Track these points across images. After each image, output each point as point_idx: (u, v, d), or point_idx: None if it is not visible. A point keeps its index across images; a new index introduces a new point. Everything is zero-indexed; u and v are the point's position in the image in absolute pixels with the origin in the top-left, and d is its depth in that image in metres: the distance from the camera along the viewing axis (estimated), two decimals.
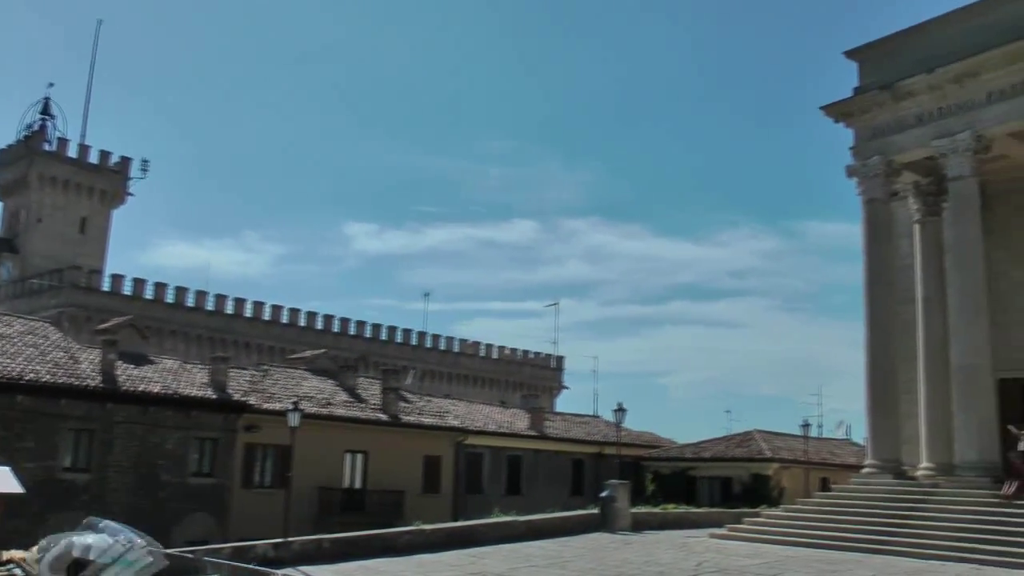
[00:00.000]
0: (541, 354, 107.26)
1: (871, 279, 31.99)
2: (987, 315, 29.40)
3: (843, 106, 32.99)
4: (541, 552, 26.82)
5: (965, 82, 29.71)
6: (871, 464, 31.14)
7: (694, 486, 54.16)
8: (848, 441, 63.99)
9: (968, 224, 29.70)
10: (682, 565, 23.67)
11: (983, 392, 28.75)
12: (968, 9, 30.37)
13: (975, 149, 29.55)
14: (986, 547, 23.74)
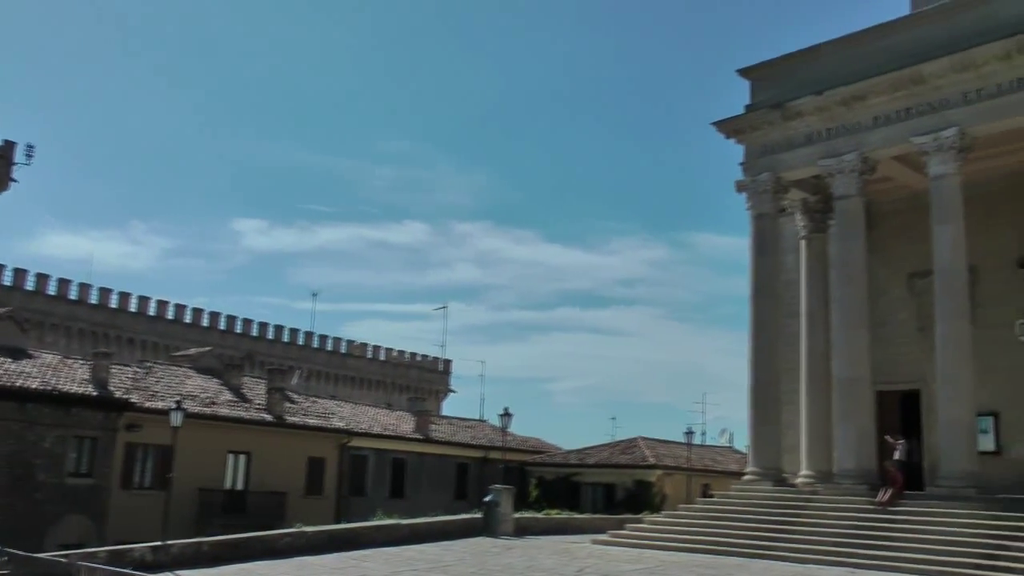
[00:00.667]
0: (429, 357, 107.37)
1: (757, 292, 32.72)
2: (868, 329, 30.30)
3: (734, 123, 33.61)
4: (423, 556, 26.88)
5: (853, 105, 30.59)
6: (752, 471, 31.85)
7: (578, 492, 54.71)
8: (731, 449, 65.23)
9: (852, 242, 30.57)
10: (564, 571, 23.82)
11: (862, 403, 29.67)
12: (857, 36, 31.32)
13: (861, 170, 30.45)
14: (862, 551, 24.58)
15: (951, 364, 27.73)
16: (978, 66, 28.15)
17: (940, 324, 28.25)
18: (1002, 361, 30.92)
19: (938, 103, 29.09)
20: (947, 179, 28.64)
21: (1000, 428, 31.33)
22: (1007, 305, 31.51)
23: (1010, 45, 27.40)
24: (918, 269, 32.27)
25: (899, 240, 33.78)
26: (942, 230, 28.51)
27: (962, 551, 23.48)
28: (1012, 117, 27.97)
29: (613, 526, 33.39)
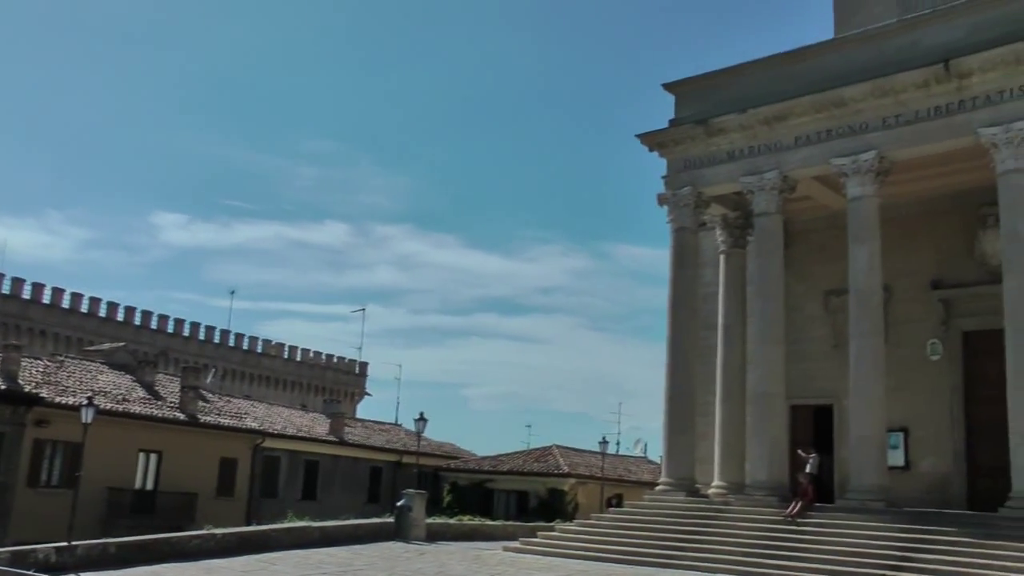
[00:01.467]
0: (346, 359, 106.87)
1: (675, 304, 33.02)
2: (783, 345, 30.79)
3: (658, 136, 33.86)
4: (333, 559, 26.83)
5: (775, 125, 31.06)
6: (665, 481, 32.12)
7: (491, 499, 54.86)
8: (645, 459, 65.71)
9: (770, 258, 31.08)
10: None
11: (776, 416, 30.17)
12: (781, 57, 31.86)
13: (781, 188, 30.97)
14: (770, 562, 25.02)
15: (863, 381, 28.32)
16: (898, 92, 28.81)
17: (854, 342, 28.83)
18: (913, 379, 31.98)
19: (858, 126, 29.70)
20: (865, 201, 29.24)
21: (910, 444, 32.33)
22: (919, 325, 32.60)
23: (929, 74, 28.11)
24: (834, 287, 33.06)
25: (816, 258, 34.54)
26: (858, 250, 29.09)
27: (869, 562, 24.04)
28: (929, 144, 28.71)
29: (525, 533, 33.61)
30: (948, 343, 32.47)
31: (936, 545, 24.33)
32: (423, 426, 48.76)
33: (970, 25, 28.28)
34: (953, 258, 32.58)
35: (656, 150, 34.01)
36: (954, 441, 31.76)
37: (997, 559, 22.93)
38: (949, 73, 27.76)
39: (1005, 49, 26.90)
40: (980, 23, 28.06)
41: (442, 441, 66.69)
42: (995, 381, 27.44)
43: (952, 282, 32.63)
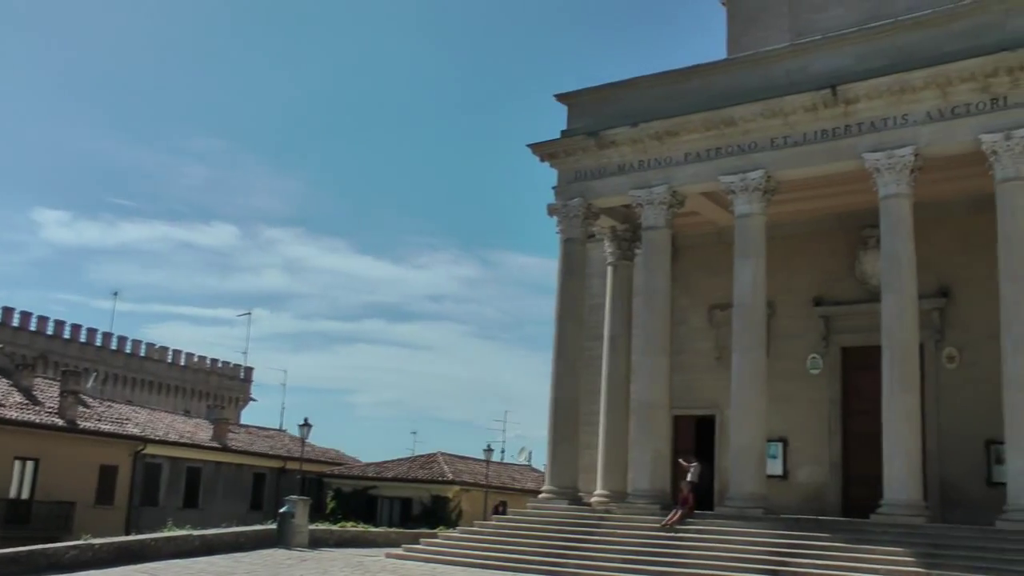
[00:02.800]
0: (230, 364, 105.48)
1: (562, 314, 33.36)
2: (667, 356, 31.34)
3: (549, 147, 34.09)
4: (213, 568, 26.52)
5: (666, 140, 31.56)
6: (548, 490, 32.39)
7: (375, 505, 54.70)
8: (529, 467, 65.96)
9: (657, 271, 31.57)
10: None
11: (659, 426, 30.65)
12: (674, 74, 32.37)
13: (669, 203, 31.46)
14: (651, 568, 25.45)
15: (745, 392, 29.03)
16: (787, 114, 29.59)
17: (736, 354, 29.52)
18: (794, 391, 33.04)
19: (747, 145, 30.40)
20: (751, 218, 29.94)
21: (788, 454, 33.46)
22: (801, 339, 33.67)
23: (817, 98, 28.93)
24: (719, 301, 33.87)
25: (702, 272, 35.28)
26: (744, 266, 29.78)
27: (746, 568, 24.67)
28: (815, 165, 29.59)
29: (408, 540, 33.57)
30: (828, 358, 33.61)
31: (810, 550, 25.16)
32: (307, 432, 48.59)
33: (858, 53, 29.20)
34: (835, 277, 33.69)
35: (547, 160, 34.27)
36: (831, 451, 32.96)
37: (867, 563, 23.86)
38: (836, 98, 28.66)
39: (890, 78, 27.88)
40: (867, 52, 29.01)
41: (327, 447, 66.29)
42: (871, 395, 28.53)
43: (833, 300, 33.75)
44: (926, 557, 23.61)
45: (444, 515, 50.64)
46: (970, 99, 27.20)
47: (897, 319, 27.16)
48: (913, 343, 27.32)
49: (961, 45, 27.35)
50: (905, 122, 28.02)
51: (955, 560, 23.28)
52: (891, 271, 27.62)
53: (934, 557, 23.60)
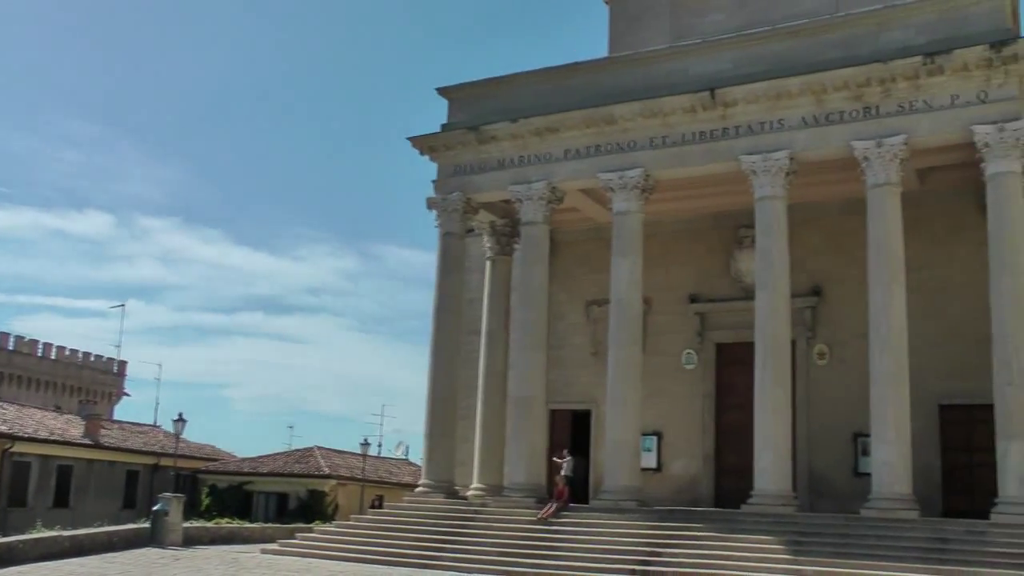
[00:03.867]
0: (103, 358, 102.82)
1: (440, 308, 33.42)
2: (544, 351, 31.70)
3: (429, 140, 34.08)
4: (84, 569, 25.89)
5: (545, 136, 31.88)
6: (425, 483, 32.52)
7: (251, 501, 53.87)
8: (407, 461, 65.69)
9: (535, 266, 31.86)
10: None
11: (535, 420, 31.02)
12: (556, 70, 32.70)
13: (549, 199, 31.77)
14: (524, 561, 25.75)
15: (620, 387, 29.51)
16: (666, 114, 30.15)
17: (612, 350, 29.98)
18: (668, 386, 33.78)
19: (626, 144, 30.87)
20: (629, 216, 30.39)
21: (663, 447, 34.16)
22: (677, 336, 34.36)
23: (696, 100, 29.58)
24: (596, 297, 34.37)
25: (580, 268, 35.80)
26: (620, 263, 30.22)
27: (619, 559, 25.12)
28: (693, 165, 30.26)
29: (284, 536, 33.43)
30: (702, 354, 34.37)
31: (683, 540, 25.82)
32: (182, 427, 47.66)
33: (736, 58, 29.93)
34: (711, 275, 34.45)
35: (427, 154, 34.29)
36: (704, 444, 33.77)
37: (737, 551, 24.65)
38: (715, 101, 29.35)
39: (767, 84, 28.68)
40: (746, 57, 29.78)
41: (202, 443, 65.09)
42: (743, 390, 29.38)
43: (709, 297, 34.52)
44: (793, 544, 24.55)
45: (320, 510, 50.15)
46: (844, 107, 28.15)
47: (770, 316, 27.93)
48: (785, 340, 28.15)
49: (836, 55, 28.33)
50: (781, 126, 28.85)
51: (821, 547, 24.26)
52: (765, 270, 28.35)
53: (801, 544, 24.55)
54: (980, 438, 28.30)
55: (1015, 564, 22.16)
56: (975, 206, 28.83)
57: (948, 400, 30.37)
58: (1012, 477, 24.68)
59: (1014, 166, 26.22)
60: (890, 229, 27.08)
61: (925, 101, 27.28)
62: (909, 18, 28.19)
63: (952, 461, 30.31)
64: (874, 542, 24.32)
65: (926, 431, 29.60)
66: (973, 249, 28.78)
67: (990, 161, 26.33)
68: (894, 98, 27.55)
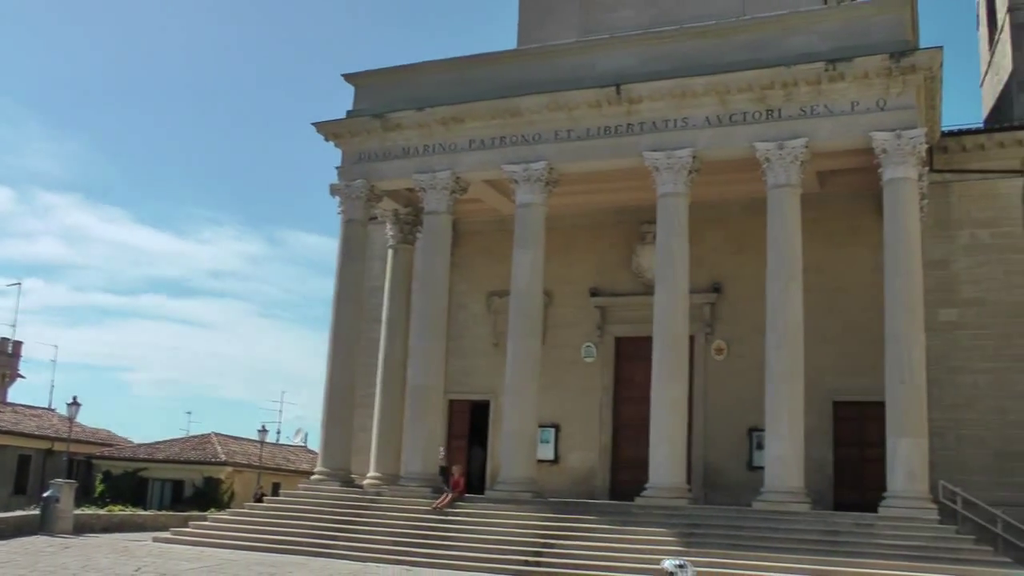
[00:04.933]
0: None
1: (341, 296, 33.21)
2: (444, 341, 31.69)
3: (334, 126, 33.82)
4: None
5: (451, 126, 31.80)
6: (321, 471, 32.33)
7: (146, 488, 53.22)
8: (305, 448, 65.35)
9: (437, 256, 31.80)
10: (121, 570, 22.92)
11: (432, 410, 31.00)
12: (463, 60, 32.67)
13: (453, 189, 31.72)
14: (420, 551, 25.79)
15: (518, 379, 29.62)
16: (571, 108, 30.27)
17: (511, 341, 30.07)
18: (568, 379, 34.10)
19: (532, 136, 30.96)
20: (532, 208, 30.49)
21: (560, 439, 34.45)
22: (577, 329, 34.62)
23: (602, 95, 29.75)
24: (498, 289, 34.45)
25: (482, 259, 35.90)
26: (522, 254, 30.32)
27: (512, 549, 25.31)
28: (597, 160, 30.43)
29: (178, 524, 32.94)
30: (602, 347, 34.69)
31: (577, 532, 26.06)
32: (76, 411, 46.69)
33: (643, 55, 30.18)
34: (612, 269, 34.78)
35: (332, 140, 34.03)
36: (601, 437, 34.13)
37: (630, 543, 24.95)
38: (620, 97, 29.54)
39: (672, 82, 28.99)
40: (652, 55, 30.04)
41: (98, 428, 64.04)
42: (641, 384, 29.65)
43: (609, 291, 34.80)
44: (686, 536, 24.95)
45: (216, 497, 49.70)
46: (747, 108, 28.57)
47: (669, 312, 28.26)
48: (683, 335, 28.53)
49: (741, 57, 28.74)
50: (685, 125, 29.17)
51: (713, 539, 24.69)
52: (665, 266, 28.66)
53: (693, 536, 24.97)
54: (871, 434, 29.06)
55: (901, 556, 22.82)
56: (872, 209, 29.54)
57: (842, 397, 31.24)
58: (900, 473, 25.31)
59: (910, 172, 26.86)
60: (789, 229, 27.56)
61: (826, 106, 27.83)
62: (813, 25, 28.79)
63: (844, 456, 31.19)
64: (766, 534, 24.82)
65: (820, 426, 30.47)
66: (869, 251, 29.51)
67: (887, 167, 26.91)
68: (796, 102, 28.04)
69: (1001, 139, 32.62)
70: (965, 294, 31.82)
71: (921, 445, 25.58)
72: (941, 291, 31.33)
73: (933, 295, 29.84)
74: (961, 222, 32.30)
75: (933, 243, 31.34)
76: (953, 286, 31.87)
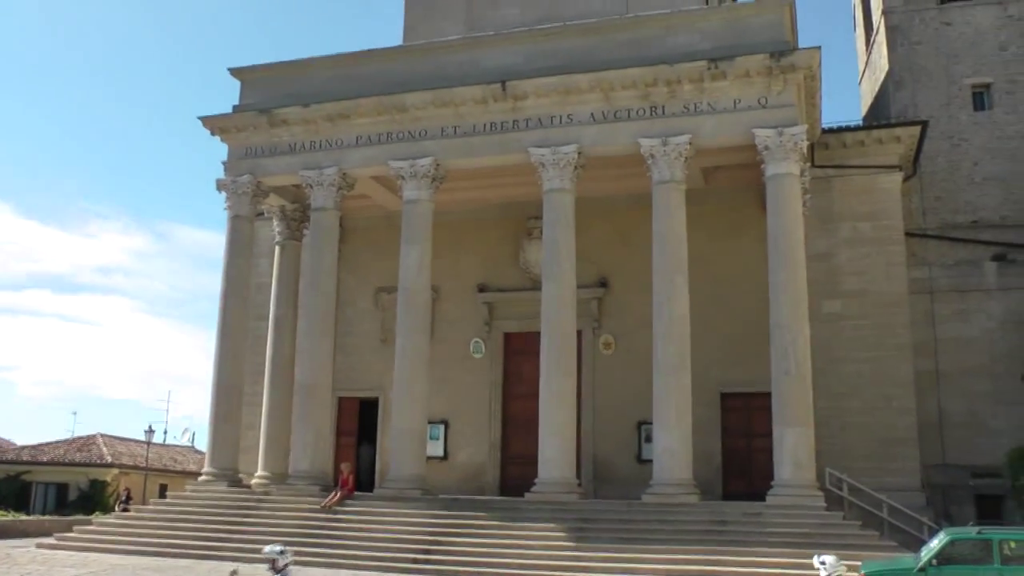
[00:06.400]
0: None
1: (227, 293, 32.82)
2: (332, 337, 31.64)
3: (220, 121, 33.42)
4: None
5: (337, 122, 31.62)
6: (208, 472, 31.92)
7: (29, 492, 51.91)
8: (192, 449, 64.44)
9: (324, 252, 31.59)
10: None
11: (321, 407, 30.82)
12: (349, 56, 32.57)
13: (340, 185, 31.54)
14: (309, 549, 25.54)
15: (406, 375, 29.59)
16: (457, 105, 30.31)
17: (400, 338, 30.01)
18: (456, 375, 34.23)
19: (418, 133, 30.94)
20: (419, 204, 30.46)
21: (449, 435, 34.55)
22: (465, 324, 34.76)
23: (487, 92, 29.84)
24: (386, 285, 34.39)
25: (370, 255, 35.81)
26: (410, 250, 30.28)
27: (402, 546, 25.42)
28: (483, 156, 30.53)
29: (62, 528, 32.16)
30: (490, 343, 34.82)
31: (466, 529, 26.25)
32: None
33: (528, 52, 30.40)
34: (500, 264, 34.94)
35: (219, 135, 33.60)
36: (491, 433, 34.29)
37: (519, 539, 25.24)
38: (506, 94, 29.68)
39: (557, 79, 29.18)
40: (537, 52, 30.27)
41: None
42: (530, 379, 29.99)
43: (497, 287, 34.96)
44: (576, 531, 25.24)
45: (102, 500, 48.74)
46: (631, 105, 28.89)
47: (556, 307, 28.46)
48: (571, 330, 28.73)
49: (625, 54, 29.09)
50: (570, 121, 29.37)
51: (603, 532, 25.08)
52: (552, 261, 28.85)
53: (583, 531, 25.27)
54: (759, 425, 29.76)
55: (788, 543, 23.37)
56: (756, 204, 30.15)
57: (729, 388, 31.82)
58: (787, 462, 25.87)
59: (792, 168, 27.42)
60: (674, 224, 27.92)
61: (709, 104, 28.26)
62: (695, 24, 29.26)
63: (733, 447, 31.78)
64: (656, 527, 25.18)
65: (708, 418, 31.00)
66: (754, 244, 29.97)
67: (770, 163, 27.44)
68: (680, 99, 28.42)
69: (879, 136, 33.66)
70: (848, 285, 32.72)
71: (807, 434, 26.17)
72: (825, 283, 32.17)
73: (817, 287, 30.59)
74: (843, 215, 33.19)
75: (816, 236, 32.15)
76: (836, 278, 32.75)
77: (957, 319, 35.43)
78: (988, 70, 38.37)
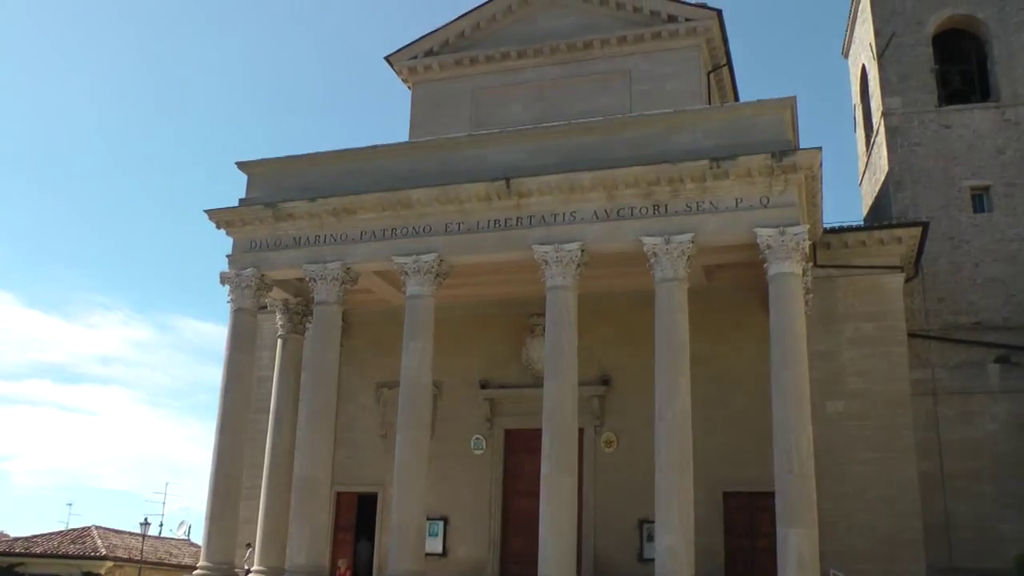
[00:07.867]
0: None
1: (228, 385, 32.58)
2: (332, 432, 31.39)
3: (226, 214, 33.44)
4: None
5: (342, 217, 31.68)
6: (204, 566, 31.35)
7: None
8: (188, 542, 63.76)
9: (326, 347, 31.45)
10: None
11: (318, 501, 30.42)
12: (355, 152, 32.72)
13: (343, 279, 31.50)
14: None
15: (406, 471, 29.29)
16: (462, 201, 30.41)
17: (400, 433, 29.76)
18: (457, 471, 34.06)
19: (422, 229, 30.98)
20: (422, 299, 30.45)
21: (449, 532, 34.22)
22: (466, 421, 34.65)
23: (492, 188, 29.95)
24: (387, 380, 34.41)
25: (372, 350, 35.78)
26: (412, 346, 30.18)
27: None
28: (487, 253, 30.50)
29: None
30: (491, 439, 34.65)
31: None
32: None
33: (532, 149, 30.56)
34: (502, 361, 34.94)
35: (224, 228, 33.57)
36: (490, 530, 33.94)
37: None
38: (510, 191, 29.76)
39: (560, 176, 29.30)
40: (541, 149, 30.43)
41: None
42: (531, 476, 29.80)
43: (499, 383, 34.93)
44: None
45: None
46: (634, 203, 28.95)
47: (558, 404, 28.25)
48: (572, 428, 28.47)
49: (628, 153, 29.23)
50: (574, 219, 29.44)
51: None
52: (554, 358, 28.70)
53: None
54: (762, 524, 29.59)
55: None
56: (759, 302, 30.11)
57: (732, 487, 31.54)
58: (791, 563, 25.42)
59: (794, 268, 27.43)
60: (677, 322, 27.83)
61: (711, 202, 28.32)
62: (698, 123, 29.41)
63: (736, 546, 31.48)
64: None
65: (710, 516, 30.79)
66: (756, 343, 29.94)
67: (772, 262, 27.46)
68: (682, 197, 28.50)
69: (881, 236, 33.86)
70: (851, 385, 32.59)
71: (811, 535, 25.77)
72: (828, 382, 32.07)
73: (820, 386, 30.49)
74: (846, 316, 33.20)
75: (819, 336, 32.11)
76: (839, 378, 32.63)
77: (961, 421, 35.33)
78: (987, 172, 38.79)
